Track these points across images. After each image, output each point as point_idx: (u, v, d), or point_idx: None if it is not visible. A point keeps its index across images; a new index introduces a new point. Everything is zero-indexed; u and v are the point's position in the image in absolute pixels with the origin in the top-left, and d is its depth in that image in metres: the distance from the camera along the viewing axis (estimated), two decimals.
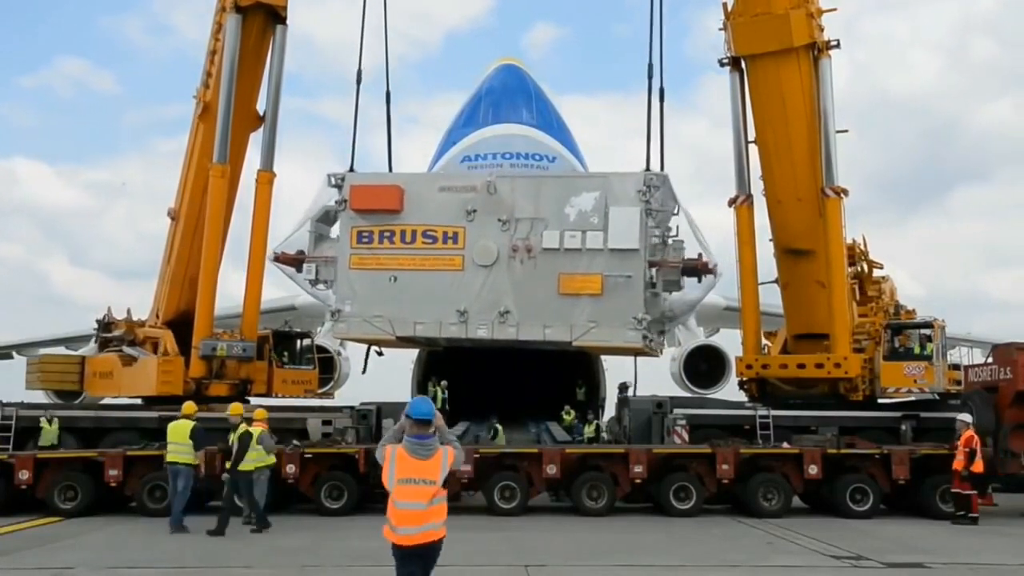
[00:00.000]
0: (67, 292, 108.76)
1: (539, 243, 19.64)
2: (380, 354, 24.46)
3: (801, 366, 23.55)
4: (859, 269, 25.58)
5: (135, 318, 25.22)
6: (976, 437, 19.45)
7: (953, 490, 19.56)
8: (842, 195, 23.20)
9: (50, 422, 22.44)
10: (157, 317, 24.57)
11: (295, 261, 22.22)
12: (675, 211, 20.90)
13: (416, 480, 7.74)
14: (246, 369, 23.63)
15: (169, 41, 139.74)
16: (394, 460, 7.81)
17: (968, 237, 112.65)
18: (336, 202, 21.60)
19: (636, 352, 20.32)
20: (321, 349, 34.93)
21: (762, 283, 25.01)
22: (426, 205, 20.73)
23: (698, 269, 19.46)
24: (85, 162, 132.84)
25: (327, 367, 35.16)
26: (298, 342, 25.42)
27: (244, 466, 17.64)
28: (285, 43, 23.89)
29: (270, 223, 23.64)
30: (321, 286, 22.23)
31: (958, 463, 19.35)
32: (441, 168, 34.16)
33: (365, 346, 23.81)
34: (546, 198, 19.97)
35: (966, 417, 19.95)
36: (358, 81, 23.42)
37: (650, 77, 20.86)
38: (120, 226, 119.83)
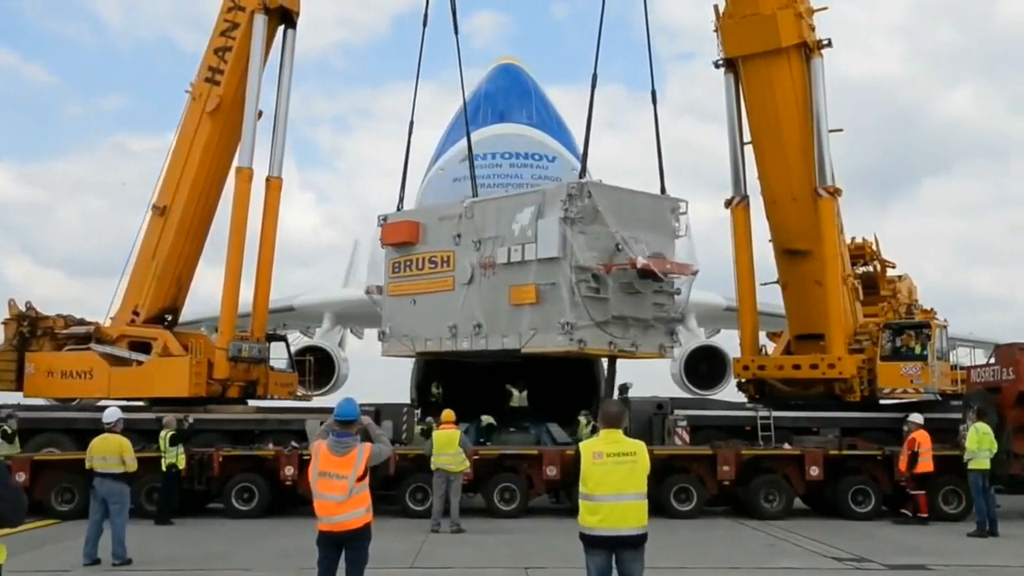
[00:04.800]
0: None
1: (497, 259, 20.46)
2: None
3: (796, 367, 23.52)
4: (872, 268, 25.48)
5: (48, 313, 24.54)
6: (919, 439, 19.47)
7: (909, 491, 19.66)
8: (835, 195, 23.21)
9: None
10: (136, 315, 24.20)
11: (378, 290, 23.91)
12: (682, 210, 20.95)
13: (331, 474, 8.44)
14: (256, 371, 23.85)
15: (80, 24, 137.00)
16: (317, 456, 8.58)
17: (942, 232, 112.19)
18: (380, 238, 23.41)
19: (572, 354, 20.47)
20: (319, 350, 35.00)
21: (764, 284, 24.99)
22: (432, 235, 22.18)
23: (646, 272, 19.48)
24: (25, 157, 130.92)
25: (327, 368, 35.29)
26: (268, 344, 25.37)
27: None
28: (295, 47, 24.65)
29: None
30: None
31: (901, 464, 19.46)
32: (441, 166, 34.22)
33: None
34: (503, 217, 20.81)
35: (917, 418, 20.02)
36: (410, 132, 24.42)
37: (593, 88, 21.22)
38: (71, 222, 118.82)
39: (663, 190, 21.57)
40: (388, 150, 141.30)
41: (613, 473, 7.69)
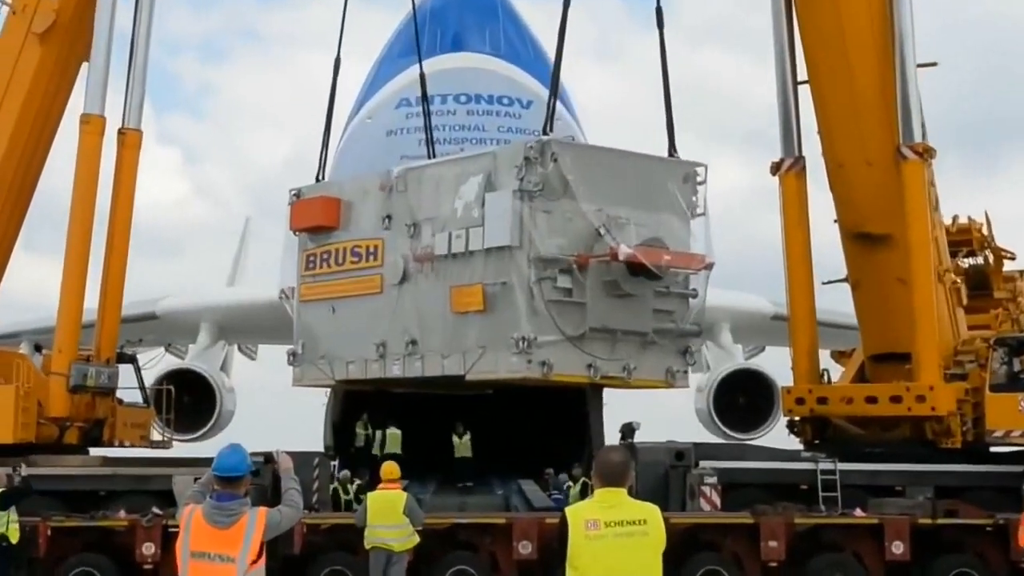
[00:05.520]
0: None
1: (435, 249, 20.60)
2: None
3: (871, 399, 23.57)
4: (982, 261, 25.54)
5: None
6: None
7: None
8: (926, 157, 23.28)
9: None
10: None
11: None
12: (700, 177, 20.96)
13: (210, 555, 8.11)
14: (103, 406, 23.87)
15: None
16: (189, 527, 8.23)
17: None
18: (289, 221, 23.52)
19: (531, 382, 20.44)
20: (192, 376, 34.80)
21: (827, 282, 25.07)
22: (355, 215, 22.24)
23: (636, 266, 19.44)
24: None
25: (206, 401, 35.11)
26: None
27: None
28: None
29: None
30: None
31: (1021, 537, 19.65)
32: (368, 114, 34.06)
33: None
34: (444, 190, 20.81)
35: None
36: (335, 71, 24.77)
37: (566, 6, 21.19)
38: None
39: (672, 150, 21.56)
40: (282, 87, 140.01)
41: (614, 550, 7.51)
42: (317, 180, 23.83)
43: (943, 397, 22.61)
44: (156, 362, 30.15)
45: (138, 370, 26.43)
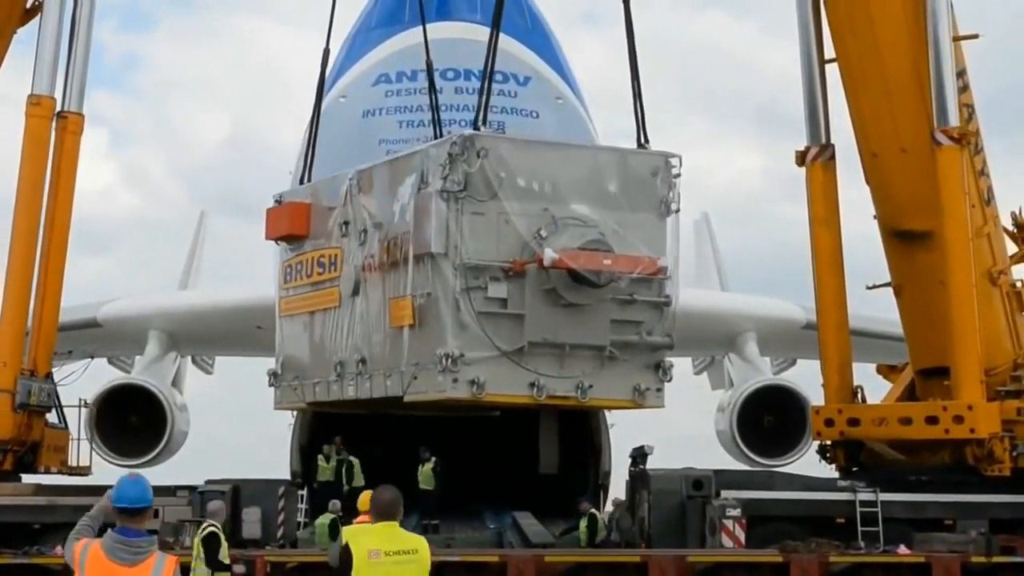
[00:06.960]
0: None
1: (377, 258, 20.99)
2: None
3: (905, 420, 23.65)
4: None
5: None
6: None
7: None
8: (964, 142, 23.30)
9: None
10: None
11: None
12: (675, 170, 20.82)
13: None
14: (37, 427, 24.08)
15: None
16: (84, 564, 8.04)
17: None
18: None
19: (466, 403, 20.46)
20: (139, 392, 34.75)
21: (871, 286, 25.09)
22: (320, 222, 22.55)
23: (572, 273, 19.40)
24: None
25: (155, 421, 35.04)
26: None
27: None
28: None
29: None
30: None
31: None
32: (343, 92, 34.02)
33: None
34: (387, 192, 21.14)
35: None
36: (324, 61, 24.98)
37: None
38: None
39: (641, 140, 21.51)
40: (219, 58, 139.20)
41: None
42: (302, 180, 24.12)
43: (984, 417, 22.70)
44: (78, 376, 29.93)
45: (52, 386, 26.37)
